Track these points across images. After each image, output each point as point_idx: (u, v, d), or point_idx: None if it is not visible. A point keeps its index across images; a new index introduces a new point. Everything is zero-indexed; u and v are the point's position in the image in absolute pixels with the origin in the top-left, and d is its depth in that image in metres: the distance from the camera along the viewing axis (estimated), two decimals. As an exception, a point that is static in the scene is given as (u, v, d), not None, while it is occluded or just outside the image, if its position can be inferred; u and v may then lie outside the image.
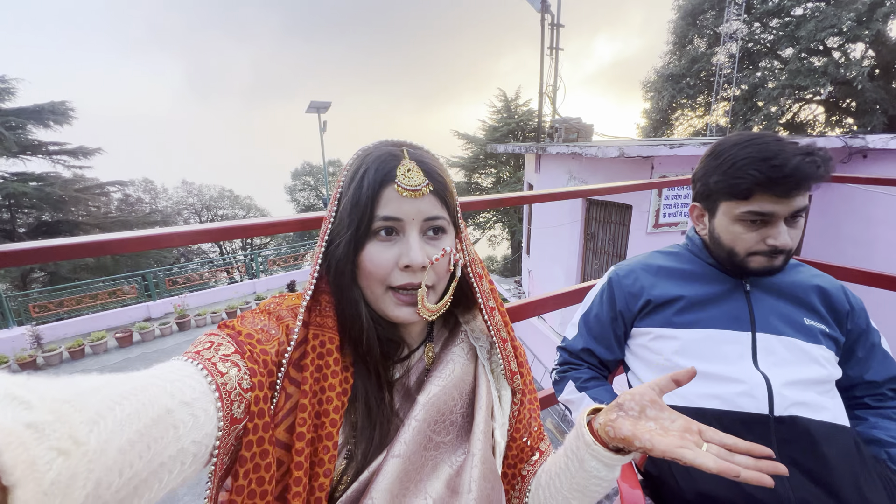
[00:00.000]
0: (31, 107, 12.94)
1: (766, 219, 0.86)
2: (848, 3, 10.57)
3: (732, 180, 0.86)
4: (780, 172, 0.80)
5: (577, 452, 0.56)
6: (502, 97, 18.46)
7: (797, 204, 0.84)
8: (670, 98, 14.52)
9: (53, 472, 0.25)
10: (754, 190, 0.83)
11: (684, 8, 13.95)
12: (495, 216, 19.05)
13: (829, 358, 0.90)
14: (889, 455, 0.86)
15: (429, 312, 0.57)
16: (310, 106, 14.73)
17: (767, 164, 0.81)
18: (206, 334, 0.51)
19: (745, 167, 0.84)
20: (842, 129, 13.14)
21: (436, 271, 0.57)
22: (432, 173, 0.57)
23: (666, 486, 0.86)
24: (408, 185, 0.54)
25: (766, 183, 0.82)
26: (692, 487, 0.81)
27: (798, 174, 0.79)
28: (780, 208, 0.84)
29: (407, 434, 0.56)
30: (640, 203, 5.29)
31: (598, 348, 1.06)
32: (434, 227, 0.57)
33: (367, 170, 0.55)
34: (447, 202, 0.58)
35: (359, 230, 0.54)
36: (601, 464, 0.53)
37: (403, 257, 0.55)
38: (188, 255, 20.22)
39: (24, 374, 0.30)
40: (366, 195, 0.54)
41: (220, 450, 0.44)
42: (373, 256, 0.55)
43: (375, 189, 0.54)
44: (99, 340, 7.97)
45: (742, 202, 0.87)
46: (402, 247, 0.55)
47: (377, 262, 0.55)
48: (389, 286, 0.56)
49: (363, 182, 0.54)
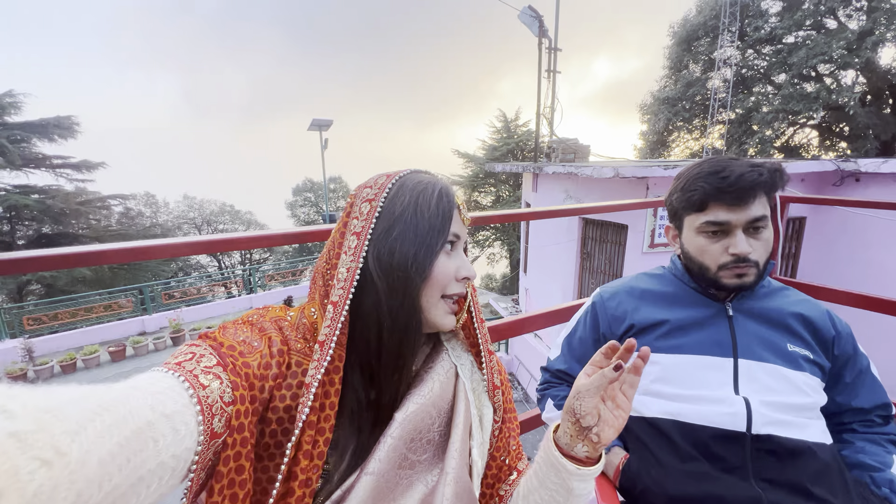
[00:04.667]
0: (37, 121, 13.14)
1: (724, 228, 0.91)
2: (838, 31, 10.87)
3: (688, 194, 0.94)
4: (726, 182, 0.88)
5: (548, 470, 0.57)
6: (502, 117, 18.77)
7: (752, 213, 0.88)
8: (666, 121, 14.74)
9: (36, 482, 0.25)
10: (707, 200, 0.91)
11: (679, 34, 14.30)
12: (494, 234, 19.11)
13: (812, 385, 0.90)
14: (872, 479, 0.86)
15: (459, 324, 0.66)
16: (312, 124, 14.94)
17: (716, 176, 0.90)
18: (187, 344, 0.50)
19: (698, 181, 0.92)
20: (835, 153, 13.32)
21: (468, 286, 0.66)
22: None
23: (642, 496, 0.86)
24: (467, 214, 0.66)
25: (715, 193, 0.89)
26: (664, 492, 0.83)
27: (742, 182, 0.87)
28: (735, 217, 0.89)
29: (382, 451, 0.56)
30: (636, 223, 5.33)
31: (578, 369, 1.05)
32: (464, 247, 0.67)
33: (444, 191, 0.62)
34: None
35: (441, 241, 0.60)
36: (573, 476, 0.55)
37: (463, 269, 0.62)
38: (186, 269, 20.18)
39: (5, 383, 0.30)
40: (447, 212, 0.61)
41: (199, 465, 0.42)
42: (442, 266, 0.60)
43: (452, 209, 0.62)
44: (91, 354, 7.89)
45: (699, 213, 0.93)
46: (458, 261, 0.63)
47: (445, 270, 0.60)
48: (444, 294, 0.61)
49: (443, 200, 0.61)
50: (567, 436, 0.57)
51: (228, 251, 1.04)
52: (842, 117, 11.74)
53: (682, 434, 0.87)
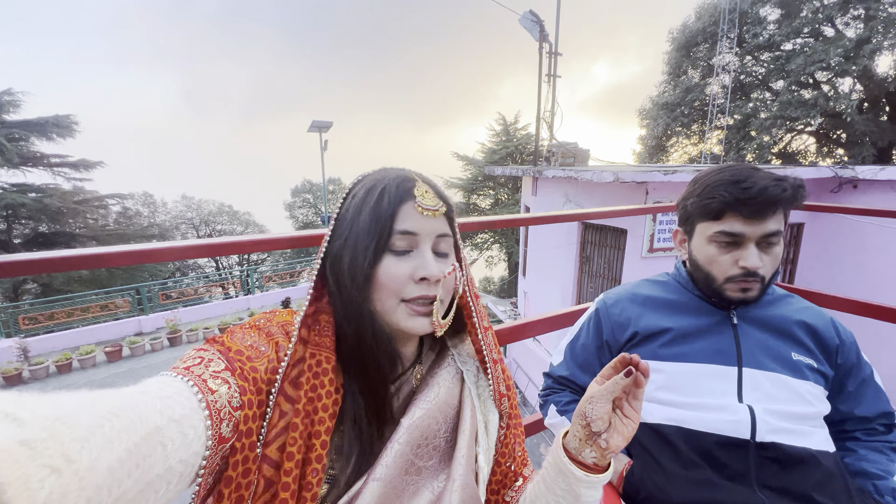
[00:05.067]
0: (36, 119, 13.09)
1: (737, 240, 0.89)
2: (836, 39, 10.95)
3: (705, 201, 0.91)
4: (747, 194, 0.85)
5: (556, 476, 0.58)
6: (501, 121, 18.80)
7: (768, 227, 0.87)
8: (665, 126, 14.82)
9: (46, 490, 0.25)
10: (725, 210, 0.88)
11: (678, 40, 14.39)
12: (493, 237, 19.12)
13: (816, 394, 0.90)
14: (875, 487, 0.86)
15: (440, 327, 0.59)
16: (312, 125, 14.94)
17: (737, 186, 0.86)
18: (195, 349, 0.50)
19: (718, 188, 0.89)
20: (833, 160, 13.40)
21: (445, 287, 0.59)
22: (443, 197, 0.62)
23: (645, 503, 0.86)
24: (426, 204, 0.58)
25: (734, 203, 0.86)
26: (667, 499, 0.83)
27: (765, 195, 0.84)
28: (750, 230, 0.87)
29: (388, 457, 0.56)
30: (635, 228, 5.34)
31: (581, 376, 1.06)
32: (443, 244, 0.61)
33: (387, 187, 0.58)
34: (453, 226, 0.63)
35: (378, 243, 0.56)
36: (581, 483, 0.56)
37: (420, 269, 0.57)
38: (184, 270, 20.10)
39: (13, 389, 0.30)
40: (387, 211, 0.57)
41: (206, 469, 0.43)
42: (389, 269, 0.56)
43: (396, 205, 0.57)
44: (87, 354, 7.84)
45: (714, 222, 0.91)
46: (416, 260, 0.58)
47: (394, 274, 0.56)
48: (403, 299, 0.57)
49: (383, 198, 0.57)
50: (576, 440, 0.57)
51: (232, 254, 1.04)
52: (839, 124, 11.83)
53: (685, 441, 0.86)
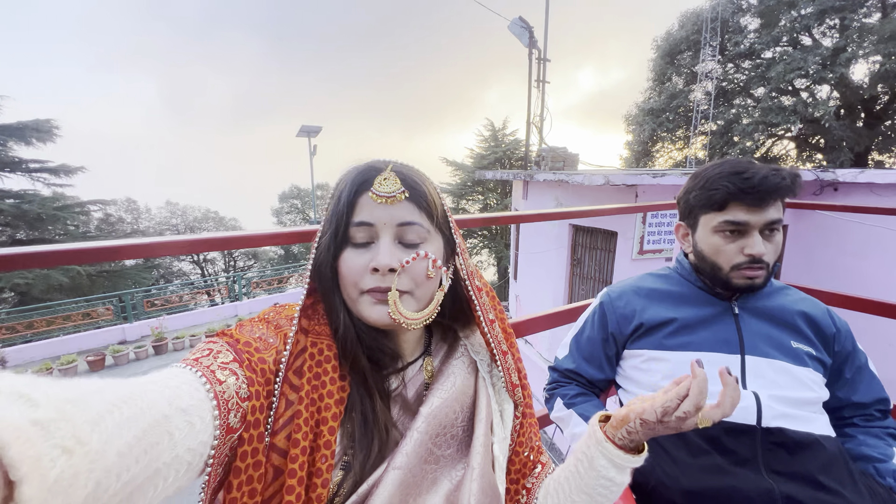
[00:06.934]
0: (14, 124, 12.75)
1: (741, 228, 0.91)
2: (813, 48, 11.31)
3: (708, 192, 0.94)
4: (749, 183, 0.88)
5: (587, 452, 0.57)
6: (490, 126, 18.95)
7: (770, 216, 0.90)
8: (651, 131, 15.09)
9: (57, 469, 0.25)
10: (728, 200, 0.91)
11: (662, 48, 14.72)
12: (482, 242, 19.18)
13: (816, 380, 0.92)
14: (877, 469, 0.88)
15: (405, 318, 0.55)
16: (301, 130, 14.88)
17: (739, 176, 0.90)
18: (205, 342, 0.51)
19: (720, 180, 0.92)
20: (812, 164, 13.81)
21: (411, 276, 0.56)
22: (408, 181, 0.58)
23: (655, 491, 0.87)
24: (381, 191, 0.56)
25: (737, 193, 0.90)
26: (678, 486, 0.84)
27: (766, 184, 0.87)
28: (754, 218, 0.90)
29: (409, 446, 0.56)
30: (626, 230, 5.41)
31: (587, 369, 1.07)
32: (409, 233, 0.57)
33: (349, 180, 0.58)
34: (428, 210, 0.58)
35: (336, 236, 0.56)
36: (610, 463, 0.55)
37: (372, 260, 0.55)
38: (168, 277, 19.74)
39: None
40: (343, 203, 0.56)
41: (215, 459, 0.43)
42: (347, 261, 0.56)
43: (352, 197, 0.56)
44: (69, 364, 7.61)
45: (718, 213, 0.94)
46: (372, 251, 0.56)
47: (350, 266, 0.56)
48: (362, 290, 0.56)
49: (343, 192, 0.57)
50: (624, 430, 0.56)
51: (224, 250, 1.00)
52: (818, 130, 12.18)
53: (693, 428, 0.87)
